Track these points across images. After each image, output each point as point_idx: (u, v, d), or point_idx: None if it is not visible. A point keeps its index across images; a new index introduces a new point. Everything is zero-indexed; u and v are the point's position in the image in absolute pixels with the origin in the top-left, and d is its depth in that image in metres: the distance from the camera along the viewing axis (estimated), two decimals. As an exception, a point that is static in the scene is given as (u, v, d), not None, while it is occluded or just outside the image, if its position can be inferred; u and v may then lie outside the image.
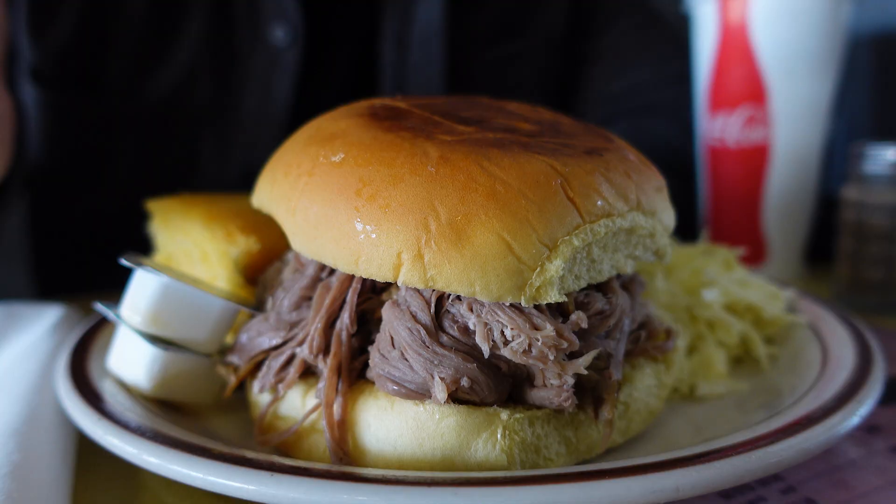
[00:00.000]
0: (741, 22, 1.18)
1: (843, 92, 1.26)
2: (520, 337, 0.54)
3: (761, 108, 1.20)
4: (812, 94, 1.19)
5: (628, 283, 0.67)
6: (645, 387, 0.65)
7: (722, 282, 0.87)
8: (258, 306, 0.69)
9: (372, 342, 0.60)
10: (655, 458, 0.52)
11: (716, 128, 1.25)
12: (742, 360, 0.83)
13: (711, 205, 1.31)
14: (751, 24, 1.17)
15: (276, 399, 0.63)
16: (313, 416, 0.60)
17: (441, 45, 1.39)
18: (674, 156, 1.41)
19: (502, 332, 0.55)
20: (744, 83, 1.20)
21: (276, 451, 0.63)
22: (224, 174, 1.37)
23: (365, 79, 1.44)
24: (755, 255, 1.26)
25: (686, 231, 1.04)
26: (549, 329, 0.54)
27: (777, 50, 1.17)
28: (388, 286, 0.62)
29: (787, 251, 1.26)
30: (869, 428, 0.70)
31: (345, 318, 0.60)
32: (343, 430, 0.58)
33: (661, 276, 0.85)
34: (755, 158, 1.22)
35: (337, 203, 0.56)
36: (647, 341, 0.67)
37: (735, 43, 1.19)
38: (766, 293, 0.88)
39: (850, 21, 1.20)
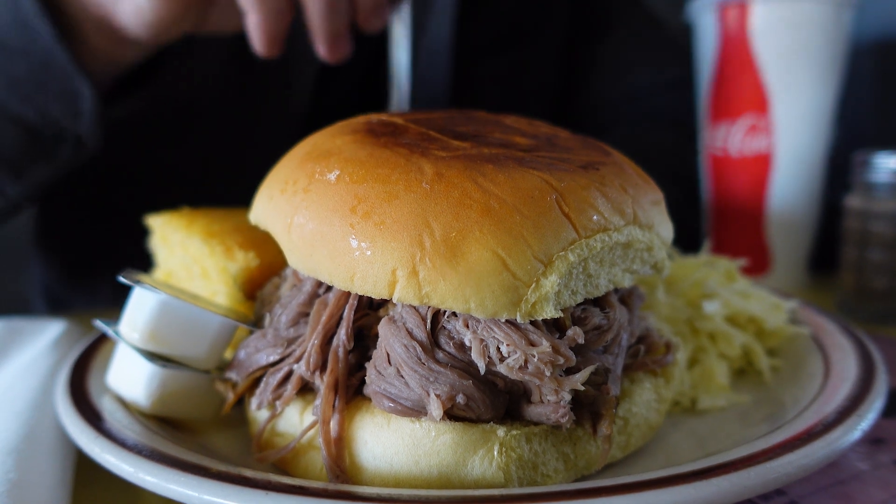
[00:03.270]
0: (742, 31, 1.18)
1: (845, 100, 1.25)
2: (516, 353, 0.54)
3: (763, 117, 1.19)
4: (814, 102, 1.18)
5: (627, 297, 0.66)
6: (644, 401, 0.65)
7: (723, 293, 0.86)
8: (256, 322, 0.69)
9: (369, 358, 0.60)
10: (653, 475, 0.51)
11: (718, 137, 1.25)
12: (744, 372, 0.83)
13: (714, 214, 1.31)
14: (752, 33, 1.17)
15: (274, 415, 0.63)
16: (311, 432, 0.60)
17: (448, 56, 1.39)
18: (674, 161, 1.41)
19: (498, 349, 0.55)
20: (746, 92, 1.20)
21: (275, 468, 0.63)
22: (237, 188, 1.38)
23: (373, 92, 1.45)
24: (759, 265, 1.25)
25: (688, 241, 1.03)
26: (545, 345, 0.54)
27: (778, 58, 1.16)
28: (384, 302, 0.61)
29: (791, 260, 1.25)
30: (874, 441, 0.69)
31: (341, 335, 0.60)
32: (340, 448, 0.57)
33: (662, 288, 0.84)
34: (758, 167, 1.21)
35: (332, 220, 0.57)
36: (646, 355, 0.67)
37: (736, 52, 1.19)
38: (768, 304, 0.87)
39: (851, 28, 1.20)
